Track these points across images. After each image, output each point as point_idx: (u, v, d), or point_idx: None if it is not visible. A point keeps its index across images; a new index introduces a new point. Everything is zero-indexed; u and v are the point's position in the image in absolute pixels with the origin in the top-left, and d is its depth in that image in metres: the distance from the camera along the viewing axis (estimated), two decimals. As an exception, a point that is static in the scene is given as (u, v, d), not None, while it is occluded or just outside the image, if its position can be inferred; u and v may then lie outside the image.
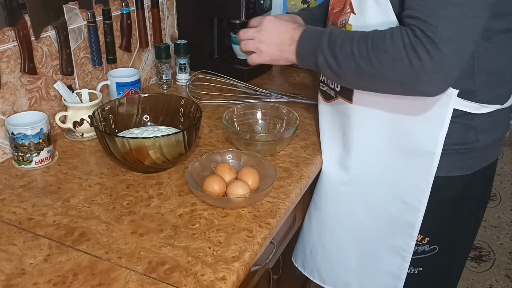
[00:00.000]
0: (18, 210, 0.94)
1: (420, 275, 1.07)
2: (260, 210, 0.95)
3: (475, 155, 0.97)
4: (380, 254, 1.08)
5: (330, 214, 1.13)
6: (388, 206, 1.03)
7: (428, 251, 1.05)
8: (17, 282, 0.77)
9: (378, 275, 1.10)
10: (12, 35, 1.07)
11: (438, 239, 1.04)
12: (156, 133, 1.11)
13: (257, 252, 0.86)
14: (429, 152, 0.94)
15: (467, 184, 1.00)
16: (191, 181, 0.97)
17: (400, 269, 1.06)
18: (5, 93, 1.09)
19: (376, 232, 1.07)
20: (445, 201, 1.00)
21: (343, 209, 1.11)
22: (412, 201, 0.99)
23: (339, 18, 0.98)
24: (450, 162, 0.95)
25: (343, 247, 1.13)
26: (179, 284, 0.77)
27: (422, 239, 1.04)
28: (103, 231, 0.89)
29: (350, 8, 0.94)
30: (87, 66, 1.31)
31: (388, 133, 0.98)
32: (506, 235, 2.40)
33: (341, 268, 1.15)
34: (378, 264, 1.09)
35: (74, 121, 1.19)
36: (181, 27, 1.65)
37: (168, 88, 1.54)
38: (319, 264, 1.19)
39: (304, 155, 1.16)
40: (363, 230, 1.09)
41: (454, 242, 1.08)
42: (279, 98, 1.44)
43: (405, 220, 1.01)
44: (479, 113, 0.93)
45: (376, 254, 1.09)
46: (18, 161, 1.08)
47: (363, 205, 1.07)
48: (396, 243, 1.04)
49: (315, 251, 1.19)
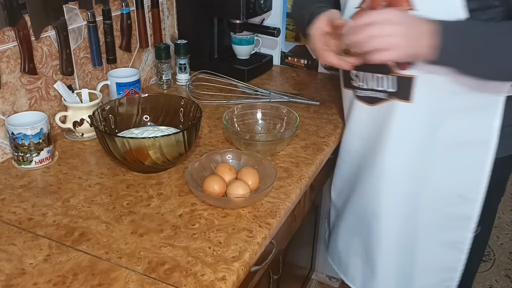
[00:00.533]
0: (18, 210, 0.94)
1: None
2: (260, 210, 0.95)
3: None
4: (434, 251, 1.07)
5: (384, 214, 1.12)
6: (443, 202, 1.02)
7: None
8: (17, 282, 0.77)
9: (433, 271, 1.09)
10: (12, 35, 1.07)
11: (483, 220, 1.04)
12: (156, 133, 1.11)
13: (257, 252, 0.86)
14: (485, 141, 0.94)
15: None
16: (191, 181, 0.97)
17: (457, 262, 1.05)
18: (5, 93, 1.09)
19: (430, 230, 1.06)
20: (498, 182, 1.01)
21: (398, 211, 1.09)
22: (468, 194, 0.98)
23: None
24: (503, 143, 0.95)
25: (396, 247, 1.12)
26: (179, 284, 0.77)
27: None
28: (103, 231, 0.89)
29: (406, 4, 0.88)
30: (87, 66, 1.31)
31: (445, 128, 0.97)
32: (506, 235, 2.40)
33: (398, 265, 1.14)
34: (435, 260, 1.08)
35: (74, 121, 1.19)
36: (181, 27, 1.65)
37: (168, 88, 1.54)
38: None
39: (304, 155, 1.16)
40: (417, 228, 1.08)
41: (492, 221, 1.09)
42: (279, 98, 1.44)
43: (462, 214, 1.00)
44: None
45: (430, 251, 1.08)
46: (18, 161, 1.08)
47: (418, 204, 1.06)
48: (452, 238, 1.03)
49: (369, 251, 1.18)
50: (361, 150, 1.15)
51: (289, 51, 1.72)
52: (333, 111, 1.38)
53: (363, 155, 1.14)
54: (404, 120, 1.01)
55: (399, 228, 1.10)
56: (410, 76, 0.97)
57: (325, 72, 1.69)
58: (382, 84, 1.03)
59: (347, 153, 1.21)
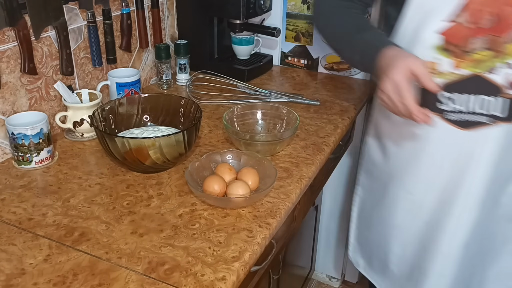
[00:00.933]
0: (18, 210, 0.94)
1: None
2: (260, 210, 0.95)
3: None
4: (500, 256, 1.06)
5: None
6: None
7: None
8: (17, 282, 0.77)
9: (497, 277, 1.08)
10: (12, 35, 1.07)
11: None
12: (156, 133, 1.11)
13: (257, 252, 0.86)
14: None
15: None
16: (191, 181, 0.97)
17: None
18: (5, 93, 1.09)
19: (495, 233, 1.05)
20: None
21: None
22: None
23: (503, 33, 0.87)
24: None
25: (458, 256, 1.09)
26: (179, 284, 0.77)
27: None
28: (103, 231, 0.89)
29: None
30: (87, 66, 1.31)
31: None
32: (506, 235, 2.39)
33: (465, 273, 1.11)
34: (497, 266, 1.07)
35: (74, 121, 1.19)
36: (181, 27, 1.65)
37: (168, 88, 1.54)
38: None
39: (304, 155, 1.16)
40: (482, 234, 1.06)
41: None
42: (279, 98, 1.44)
43: None
44: None
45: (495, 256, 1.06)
46: (18, 161, 1.08)
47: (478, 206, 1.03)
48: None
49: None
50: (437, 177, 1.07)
51: (289, 51, 1.72)
52: (333, 111, 1.38)
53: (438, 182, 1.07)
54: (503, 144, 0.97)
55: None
56: None
57: (325, 72, 1.69)
58: (488, 108, 0.94)
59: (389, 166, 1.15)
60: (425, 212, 1.10)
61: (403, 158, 1.11)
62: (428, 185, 1.07)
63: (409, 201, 1.12)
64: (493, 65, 0.92)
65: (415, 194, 1.10)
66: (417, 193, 1.10)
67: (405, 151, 1.09)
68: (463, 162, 1.01)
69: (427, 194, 1.08)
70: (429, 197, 1.08)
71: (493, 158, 0.98)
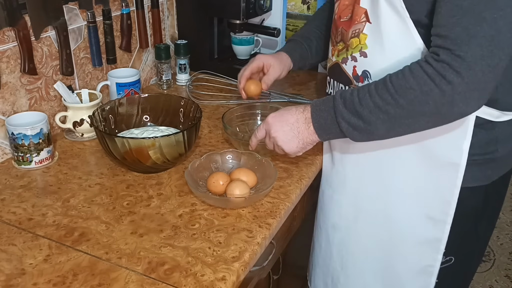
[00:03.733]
0: (18, 210, 0.94)
1: (435, 287, 1.04)
2: (260, 210, 0.95)
3: (494, 165, 0.95)
4: (406, 275, 1.04)
5: (352, 235, 1.09)
6: (413, 224, 0.99)
7: (444, 262, 1.02)
8: (17, 282, 0.77)
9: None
10: (12, 35, 1.07)
11: (454, 250, 1.01)
12: (156, 133, 1.11)
13: (257, 253, 0.86)
14: (454, 163, 0.90)
15: (486, 194, 0.97)
16: (191, 181, 0.97)
17: (428, 285, 1.03)
18: (5, 93, 1.09)
19: (400, 255, 1.03)
20: (465, 213, 0.97)
21: (364, 230, 1.07)
22: (438, 215, 0.95)
23: (350, 27, 0.95)
24: (469, 172, 0.92)
25: (366, 272, 1.09)
26: (179, 284, 0.77)
27: None
28: (103, 231, 0.89)
29: (365, 17, 0.91)
30: (87, 66, 1.31)
31: (410, 148, 0.94)
32: (506, 235, 2.40)
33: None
34: (405, 285, 1.05)
35: (74, 121, 1.19)
36: (181, 27, 1.65)
37: (168, 88, 1.54)
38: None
39: (304, 155, 1.15)
40: (386, 253, 1.05)
41: (470, 252, 1.05)
42: (279, 98, 1.44)
43: (432, 236, 0.98)
44: (500, 121, 0.91)
45: (402, 275, 1.05)
46: (18, 161, 1.08)
47: (385, 226, 1.03)
48: (422, 262, 1.01)
49: (336, 278, 1.15)
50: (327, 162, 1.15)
51: (289, 51, 1.72)
52: (333, 111, 1.38)
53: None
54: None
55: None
56: None
57: (325, 72, 1.68)
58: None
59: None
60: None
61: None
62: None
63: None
64: (345, 56, 0.97)
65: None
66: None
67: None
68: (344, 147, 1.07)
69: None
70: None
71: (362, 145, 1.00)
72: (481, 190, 0.96)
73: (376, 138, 0.89)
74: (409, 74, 0.79)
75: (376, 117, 0.82)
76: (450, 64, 0.75)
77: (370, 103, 0.82)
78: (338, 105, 0.86)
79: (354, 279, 1.12)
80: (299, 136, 0.94)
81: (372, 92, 0.83)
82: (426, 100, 0.78)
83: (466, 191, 0.94)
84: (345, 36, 0.97)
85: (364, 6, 0.91)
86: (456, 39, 0.74)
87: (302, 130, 0.93)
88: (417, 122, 0.81)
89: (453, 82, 0.75)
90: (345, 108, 0.85)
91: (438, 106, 0.77)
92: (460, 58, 0.74)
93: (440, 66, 0.76)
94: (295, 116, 0.94)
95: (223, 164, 1.07)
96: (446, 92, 0.76)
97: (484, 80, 0.74)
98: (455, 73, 0.74)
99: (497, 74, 0.75)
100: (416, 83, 0.78)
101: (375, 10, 0.89)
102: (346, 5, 0.96)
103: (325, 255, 1.17)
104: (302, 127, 0.93)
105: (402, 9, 0.84)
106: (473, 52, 0.73)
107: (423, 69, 0.78)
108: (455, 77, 0.74)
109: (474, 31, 0.73)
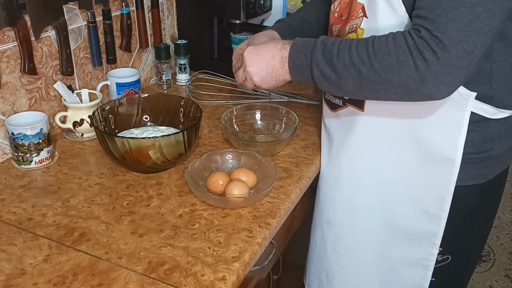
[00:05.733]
0: (18, 210, 0.94)
1: (432, 286, 1.04)
2: (260, 210, 0.95)
3: (490, 163, 0.95)
4: (402, 268, 1.05)
5: (347, 230, 1.09)
6: (408, 218, 1.00)
7: (440, 261, 1.02)
8: (17, 282, 0.77)
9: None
10: (12, 35, 1.07)
11: (451, 249, 1.01)
12: (156, 133, 1.11)
13: (257, 252, 0.86)
14: (449, 159, 0.91)
15: (482, 193, 0.97)
16: (191, 181, 0.97)
17: (423, 279, 1.03)
18: (5, 93, 1.09)
19: (396, 246, 1.03)
20: (462, 211, 0.97)
21: (360, 224, 1.07)
22: (434, 210, 0.96)
23: (347, 23, 0.95)
24: (465, 171, 0.92)
25: (362, 266, 1.09)
26: (179, 284, 0.77)
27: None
28: (103, 231, 0.89)
29: (362, 12, 0.91)
30: (87, 66, 1.31)
31: (405, 143, 0.94)
32: (506, 235, 2.40)
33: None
34: (401, 278, 1.06)
35: (74, 121, 1.19)
36: (181, 27, 1.65)
37: (168, 88, 1.54)
38: (337, 287, 1.15)
39: (304, 155, 1.16)
40: (382, 245, 1.05)
41: (467, 251, 1.06)
42: (279, 98, 1.44)
43: (427, 231, 0.98)
44: (495, 119, 0.91)
45: (397, 268, 1.05)
46: (18, 161, 1.08)
47: (381, 219, 1.03)
48: (418, 255, 1.01)
49: (331, 274, 1.15)
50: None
51: (289, 51, 1.72)
52: (333, 111, 1.38)
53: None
54: (364, 131, 0.99)
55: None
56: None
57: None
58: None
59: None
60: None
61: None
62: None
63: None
64: None
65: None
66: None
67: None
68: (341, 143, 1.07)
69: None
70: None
71: (359, 143, 1.02)
72: (477, 188, 0.97)
73: (343, 94, 0.92)
74: (392, 40, 0.79)
75: (348, 73, 0.83)
76: (428, 42, 0.75)
77: (347, 58, 0.83)
78: (316, 51, 0.86)
79: (350, 273, 1.12)
80: (273, 74, 0.94)
81: (352, 48, 0.83)
82: (398, 70, 0.78)
83: (462, 189, 0.94)
84: (342, 31, 0.97)
85: (361, 1, 0.91)
86: (434, 20, 0.75)
87: (277, 68, 0.93)
88: (384, 89, 0.81)
89: (428, 60, 0.75)
90: (322, 56, 0.85)
91: (408, 80, 0.78)
92: (438, 39, 0.74)
93: (420, 42, 0.76)
94: (271, 52, 0.93)
95: (223, 164, 1.07)
96: (419, 68, 0.76)
97: (458, 65, 0.74)
98: (431, 52, 0.75)
99: (472, 63, 0.75)
100: (395, 51, 0.78)
101: (372, 5, 0.89)
102: (347, 3, 0.97)
103: (319, 251, 1.18)
104: (277, 65, 0.93)
105: (398, 4, 0.85)
106: (450, 34, 0.73)
107: (405, 39, 0.78)
108: (431, 56, 0.75)
109: (452, 14, 0.73)
